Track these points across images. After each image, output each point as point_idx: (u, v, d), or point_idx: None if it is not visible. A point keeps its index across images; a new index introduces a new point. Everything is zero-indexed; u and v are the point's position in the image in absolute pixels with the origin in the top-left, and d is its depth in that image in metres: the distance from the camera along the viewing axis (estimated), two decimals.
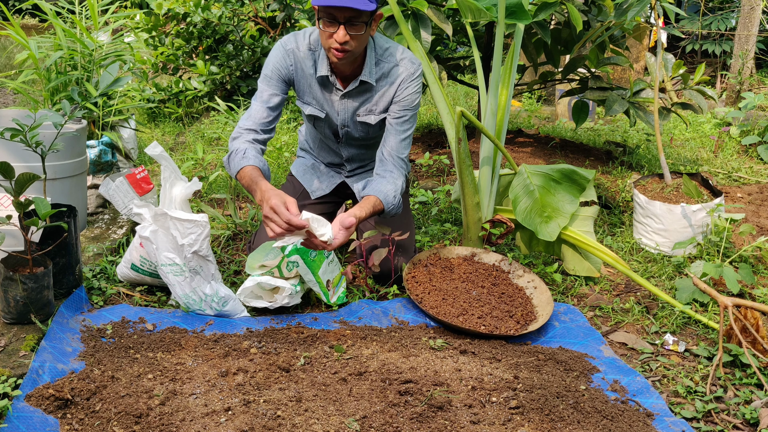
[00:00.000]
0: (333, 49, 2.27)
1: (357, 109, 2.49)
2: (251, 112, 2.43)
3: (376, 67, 2.43)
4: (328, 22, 2.23)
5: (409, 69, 2.45)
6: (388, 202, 2.37)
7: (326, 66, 2.40)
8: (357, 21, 2.23)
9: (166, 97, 5.36)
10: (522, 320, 2.31)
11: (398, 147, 2.48)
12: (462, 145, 2.58)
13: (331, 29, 2.23)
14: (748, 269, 2.59)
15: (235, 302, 2.27)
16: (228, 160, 2.36)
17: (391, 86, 2.46)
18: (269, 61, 2.43)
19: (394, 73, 2.45)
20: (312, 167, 2.75)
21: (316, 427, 1.62)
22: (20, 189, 1.95)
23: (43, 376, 1.75)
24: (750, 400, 1.92)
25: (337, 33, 2.22)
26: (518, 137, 4.86)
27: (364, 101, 2.48)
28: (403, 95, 2.46)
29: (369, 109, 2.50)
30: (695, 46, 9.05)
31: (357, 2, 2.16)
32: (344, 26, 2.22)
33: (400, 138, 2.48)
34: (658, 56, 3.44)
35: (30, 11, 8.30)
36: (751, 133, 4.93)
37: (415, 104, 2.49)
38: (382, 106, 2.49)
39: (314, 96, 2.50)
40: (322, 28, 2.25)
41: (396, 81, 2.45)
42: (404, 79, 2.45)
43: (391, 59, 2.45)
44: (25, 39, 3.31)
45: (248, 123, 2.41)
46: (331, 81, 2.44)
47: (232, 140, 2.40)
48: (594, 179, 2.70)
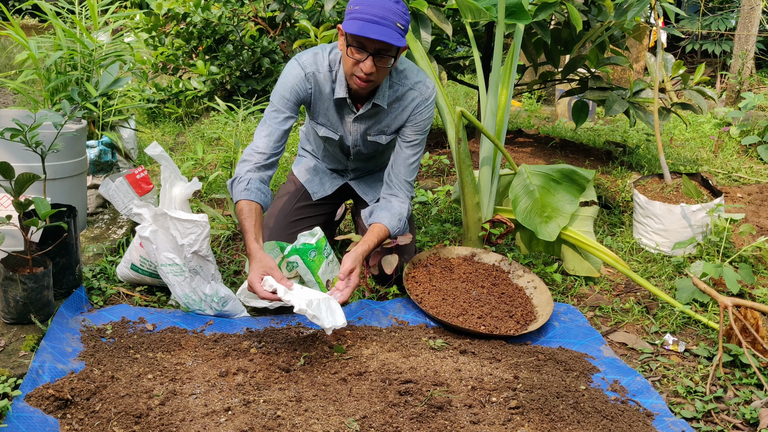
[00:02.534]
0: (357, 77, 2.23)
1: (368, 129, 2.47)
2: (266, 133, 2.34)
3: (389, 90, 2.39)
4: (356, 50, 2.18)
5: (423, 93, 2.42)
6: (393, 226, 2.41)
7: (344, 88, 2.36)
8: (386, 54, 2.19)
9: (165, 97, 5.36)
10: (522, 320, 2.31)
11: (406, 171, 2.48)
12: (462, 145, 2.58)
13: (359, 57, 2.19)
14: (748, 269, 2.59)
15: (235, 302, 2.27)
16: (231, 185, 2.31)
17: (404, 110, 2.43)
18: (287, 82, 2.35)
19: (408, 96, 2.41)
20: (314, 168, 2.73)
21: (316, 427, 1.62)
22: (20, 189, 1.95)
23: (43, 376, 1.75)
24: (750, 400, 1.92)
25: (365, 63, 2.18)
26: (518, 137, 4.86)
27: (375, 122, 2.45)
28: (416, 120, 2.44)
29: (381, 130, 2.47)
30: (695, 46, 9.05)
31: (392, 37, 2.13)
32: (372, 57, 2.18)
33: (409, 162, 2.48)
34: (657, 56, 3.44)
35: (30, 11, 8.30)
36: (751, 133, 4.93)
37: (427, 128, 2.48)
38: (394, 127, 2.47)
39: (329, 117, 2.45)
40: (350, 55, 2.20)
41: (410, 105, 2.42)
42: (418, 104, 2.42)
43: (405, 82, 2.40)
44: (25, 39, 3.31)
45: (261, 145, 2.33)
46: (347, 103, 2.40)
47: (241, 162, 2.33)
48: (594, 179, 2.70)
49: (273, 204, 2.67)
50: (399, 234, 2.45)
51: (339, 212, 2.96)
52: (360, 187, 2.69)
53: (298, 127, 4.97)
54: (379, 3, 2.16)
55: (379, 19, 2.14)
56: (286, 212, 2.60)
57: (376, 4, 2.16)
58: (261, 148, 2.33)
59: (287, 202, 2.64)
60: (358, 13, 2.16)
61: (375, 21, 2.13)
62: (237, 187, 2.28)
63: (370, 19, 2.13)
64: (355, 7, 2.18)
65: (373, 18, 2.13)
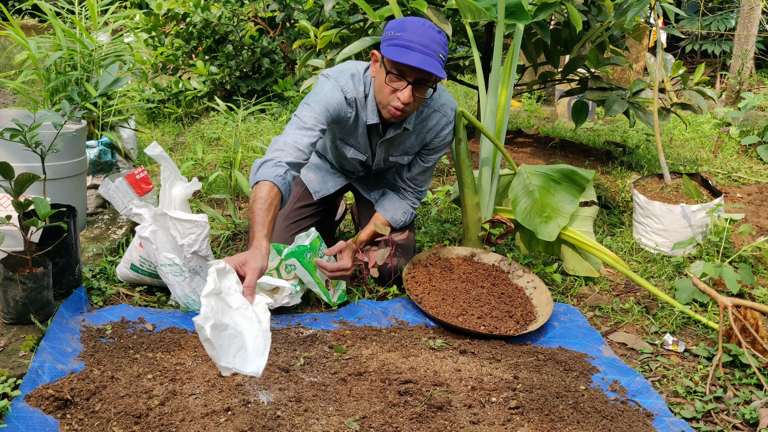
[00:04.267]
0: (392, 106, 2.17)
1: (392, 151, 2.47)
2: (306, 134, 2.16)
3: (415, 113, 2.38)
4: (396, 78, 2.13)
5: (448, 116, 2.43)
6: (396, 221, 2.45)
7: (376, 114, 2.30)
8: (425, 84, 2.15)
9: (165, 97, 5.36)
10: (522, 320, 2.31)
11: (421, 180, 2.55)
12: (462, 146, 2.58)
13: (398, 86, 2.14)
14: (748, 269, 2.59)
15: None
16: (261, 164, 2.09)
17: (429, 132, 2.43)
18: (331, 99, 2.23)
19: (434, 118, 2.41)
20: (317, 167, 2.69)
21: (316, 427, 1.62)
22: (20, 189, 1.95)
23: (43, 377, 1.75)
24: (750, 400, 1.92)
25: (403, 92, 2.13)
26: (518, 137, 4.86)
27: (399, 144, 2.45)
28: (440, 141, 2.46)
29: (404, 151, 2.47)
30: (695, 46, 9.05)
31: (435, 67, 2.08)
32: (412, 86, 2.13)
33: (426, 176, 2.55)
34: (657, 56, 3.44)
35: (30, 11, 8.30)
36: (751, 134, 4.93)
37: (447, 147, 2.51)
38: (417, 148, 2.48)
39: (359, 140, 2.42)
40: (388, 83, 2.14)
41: (434, 128, 2.43)
42: (443, 127, 2.43)
43: (431, 104, 2.39)
44: (25, 39, 3.31)
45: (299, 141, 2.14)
46: (378, 128, 2.37)
47: (276, 150, 2.13)
48: (594, 179, 2.71)
49: None
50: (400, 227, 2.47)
51: (339, 212, 2.96)
52: (363, 186, 2.69)
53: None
54: (422, 31, 2.10)
55: (423, 47, 2.08)
56: (285, 213, 2.60)
57: (420, 33, 2.10)
58: (302, 145, 2.15)
59: (287, 203, 2.64)
60: (401, 40, 2.09)
61: (418, 50, 2.08)
62: (272, 169, 2.05)
63: (413, 47, 2.08)
64: (396, 34, 2.11)
65: (417, 46, 2.08)
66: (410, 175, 2.55)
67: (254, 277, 1.78)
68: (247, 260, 1.80)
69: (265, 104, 4.98)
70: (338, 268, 2.31)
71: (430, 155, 2.50)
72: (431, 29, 2.13)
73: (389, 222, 2.47)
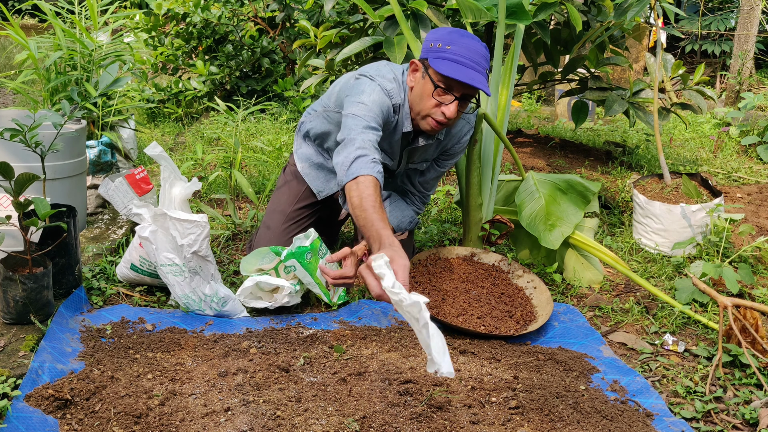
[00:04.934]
0: (435, 119, 2.14)
1: (413, 157, 2.46)
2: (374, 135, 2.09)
3: None
4: (443, 92, 2.10)
5: (471, 122, 2.44)
6: (402, 227, 2.47)
7: (410, 122, 2.27)
8: (469, 99, 2.15)
9: (165, 97, 5.36)
10: (521, 320, 2.31)
11: (431, 185, 2.57)
12: (476, 147, 2.59)
13: (444, 100, 2.11)
14: (748, 269, 2.59)
15: (235, 302, 2.27)
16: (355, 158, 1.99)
17: (452, 138, 2.44)
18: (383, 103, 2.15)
19: (457, 125, 2.41)
20: (318, 166, 2.61)
21: (316, 427, 1.62)
22: (20, 189, 1.95)
23: (43, 377, 1.75)
24: (749, 400, 1.92)
25: (449, 107, 2.10)
26: (518, 137, 4.86)
27: (422, 151, 2.44)
28: (457, 147, 2.47)
29: (424, 158, 2.47)
30: (695, 46, 9.06)
31: (483, 84, 2.07)
32: (458, 101, 2.11)
33: (436, 180, 2.56)
34: (657, 56, 3.44)
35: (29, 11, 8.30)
36: (751, 134, 4.93)
37: (462, 153, 2.52)
38: (436, 155, 2.49)
39: (392, 146, 2.38)
40: (435, 97, 2.11)
41: (456, 135, 2.43)
42: (465, 133, 2.44)
43: None
44: (25, 39, 3.31)
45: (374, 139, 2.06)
46: (410, 136, 2.34)
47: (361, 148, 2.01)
48: (598, 192, 2.72)
49: (273, 200, 2.66)
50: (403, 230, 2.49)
51: (343, 212, 2.95)
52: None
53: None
54: (473, 47, 2.09)
55: (474, 64, 2.07)
56: (287, 213, 2.59)
57: (471, 48, 2.08)
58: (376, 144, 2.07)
59: (286, 200, 2.61)
60: (451, 54, 2.07)
61: (469, 66, 2.06)
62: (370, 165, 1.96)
63: (465, 63, 2.06)
64: (446, 47, 2.08)
65: (468, 62, 2.06)
66: (423, 179, 2.55)
67: (406, 274, 1.72)
68: (393, 257, 1.72)
69: (265, 104, 4.98)
70: (341, 276, 2.26)
71: (447, 161, 2.51)
72: (479, 44, 2.11)
73: (394, 229, 2.44)
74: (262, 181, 3.63)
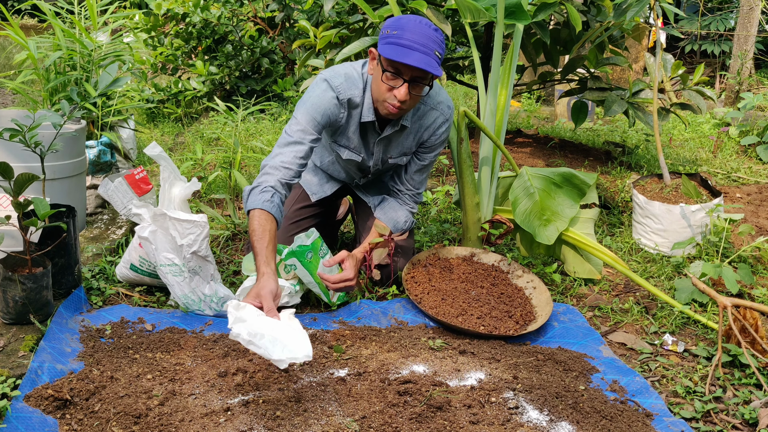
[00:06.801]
0: (389, 103, 2.19)
1: (390, 151, 2.46)
2: (293, 150, 2.21)
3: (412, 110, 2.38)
4: (391, 76, 2.14)
5: (445, 114, 2.43)
6: (398, 228, 2.48)
7: (372, 111, 2.31)
8: (421, 82, 2.16)
9: (165, 97, 5.36)
10: (521, 320, 2.31)
11: (418, 183, 2.55)
12: (464, 146, 2.58)
13: (394, 84, 2.15)
14: (747, 269, 2.59)
15: None
16: (251, 192, 2.15)
17: (427, 130, 2.43)
18: (319, 105, 2.25)
19: (431, 116, 2.41)
20: (313, 170, 2.70)
21: (316, 427, 1.62)
22: (19, 189, 1.95)
23: (42, 377, 1.75)
24: (749, 400, 1.92)
25: (399, 90, 2.14)
26: (517, 137, 4.86)
27: (398, 144, 2.44)
28: (437, 140, 2.46)
29: (403, 152, 2.47)
30: (694, 46, 9.06)
31: (430, 65, 2.09)
32: (408, 84, 2.14)
33: (423, 176, 2.54)
34: (657, 56, 3.44)
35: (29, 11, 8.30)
36: (750, 134, 4.93)
37: (442, 146, 2.51)
38: (414, 148, 2.48)
39: (352, 140, 2.41)
40: (384, 81, 2.16)
41: (431, 126, 2.42)
42: (439, 125, 2.43)
43: (428, 101, 2.39)
44: (24, 39, 3.31)
45: (288, 161, 2.19)
46: (375, 126, 2.37)
47: (264, 174, 2.18)
48: (595, 183, 2.71)
49: None
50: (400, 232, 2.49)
51: (341, 211, 2.95)
52: (361, 190, 2.69)
53: None
54: (419, 30, 2.11)
55: (419, 46, 2.09)
56: (286, 214, 2.60)
57: (416, 31, 2.10)
58: (288, 163, 2.19)
59: (286, 203, 2.64)
60: (396, 38, 2.10)
61: (414, 48, 2.08)
62: (259, 196, 2.12)
63: (410, 46, 2.08)
64: (393, 32, 2.12)
65: (413, 44, 2.08)
66: (407, 176, 2.55)
67: (270, 301, 1.84)
68: (258, 292, 1.86)
69: (265, 104, 4.98)
70: (341, 279, 2.29)
71: (426, 153, 2.50)
72: (428, 27, 2.14)
73: (391, 229, 2.49)
74: None
